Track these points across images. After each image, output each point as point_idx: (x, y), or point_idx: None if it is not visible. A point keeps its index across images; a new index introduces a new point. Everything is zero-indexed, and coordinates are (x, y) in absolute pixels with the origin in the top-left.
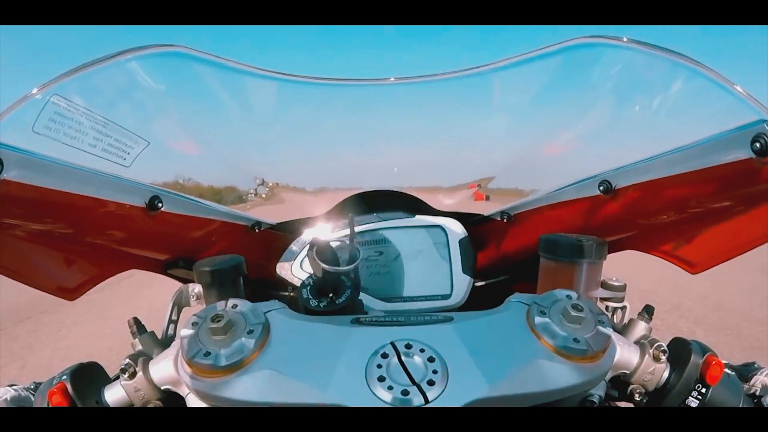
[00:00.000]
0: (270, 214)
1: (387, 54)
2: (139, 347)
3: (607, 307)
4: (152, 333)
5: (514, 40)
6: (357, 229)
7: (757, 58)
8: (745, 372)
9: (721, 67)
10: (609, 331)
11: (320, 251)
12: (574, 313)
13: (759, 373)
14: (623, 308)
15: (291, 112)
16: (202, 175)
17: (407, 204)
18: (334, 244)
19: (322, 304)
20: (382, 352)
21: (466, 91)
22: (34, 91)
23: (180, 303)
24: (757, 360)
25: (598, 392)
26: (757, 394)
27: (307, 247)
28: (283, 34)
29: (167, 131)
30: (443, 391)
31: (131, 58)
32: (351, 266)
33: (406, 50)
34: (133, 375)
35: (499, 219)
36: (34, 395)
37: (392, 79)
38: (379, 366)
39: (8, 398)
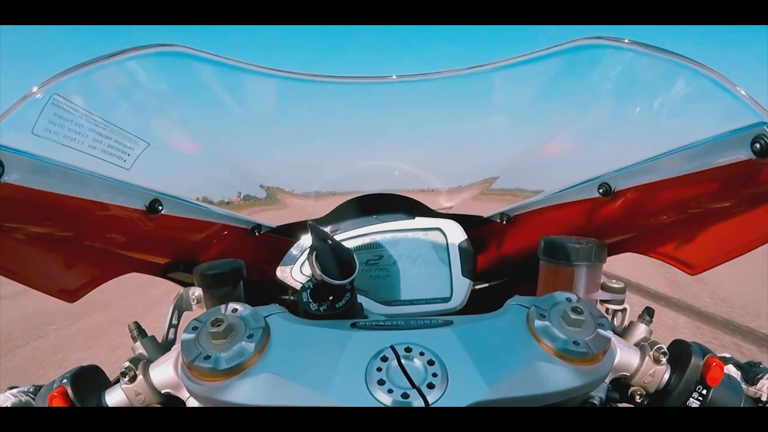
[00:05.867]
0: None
1: (386, 54)
2: (140, 351)
3: (607, 310)
4: (152, 337)
5: (513, 40)
6: (356, 232)
7: (757, 59)
8: (751, 373)
9: (721, 68)
10: (609, 333)
11: (320, 257)
12: (573, 315)
13: (766, 377)
14: (623, 310)
15: (292, 110)
16: (202, 175)
17: (406, 206)
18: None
19: (321, 308)
20: (382, 355)
21: (469, 91)
22: (34, 89)
23: (180, 307)
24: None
25: (598, 395)
26: (763, 399)
27: (307, 251)
28: (281, 35)
29: (167, 132)
30: (443, 394)
31: (130, 58)
32: (349, 279)
33: (405, 51)
34: (133, 378)
35: (498, 221)
36: (34, 399)
37: (394, 77)
38: (379, 369)
39: (9, 405)
